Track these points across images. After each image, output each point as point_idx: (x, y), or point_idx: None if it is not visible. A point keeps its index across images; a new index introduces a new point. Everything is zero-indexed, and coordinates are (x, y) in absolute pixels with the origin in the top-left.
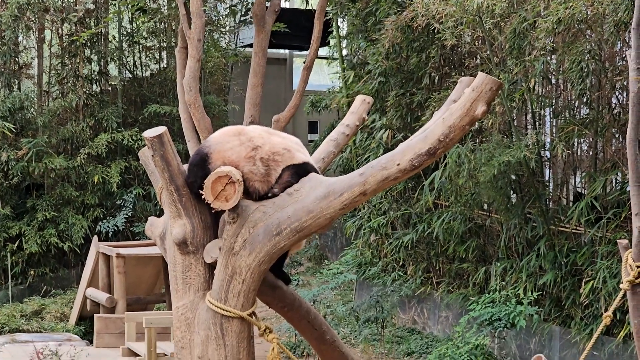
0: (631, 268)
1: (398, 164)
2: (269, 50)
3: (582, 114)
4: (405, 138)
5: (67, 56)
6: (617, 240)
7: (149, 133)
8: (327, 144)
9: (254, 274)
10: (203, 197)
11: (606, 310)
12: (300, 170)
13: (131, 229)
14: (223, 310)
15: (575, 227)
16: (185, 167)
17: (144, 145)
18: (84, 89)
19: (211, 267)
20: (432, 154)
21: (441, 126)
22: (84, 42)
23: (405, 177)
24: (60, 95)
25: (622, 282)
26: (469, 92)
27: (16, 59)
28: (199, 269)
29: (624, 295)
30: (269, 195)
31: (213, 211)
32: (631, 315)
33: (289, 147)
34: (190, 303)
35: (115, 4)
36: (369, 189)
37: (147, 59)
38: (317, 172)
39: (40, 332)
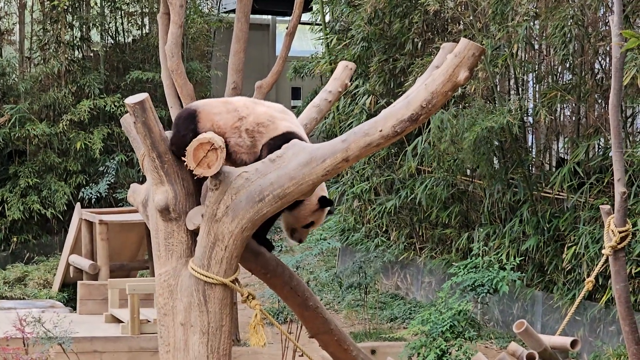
0: (613, 233)
1: (380, 130)
2: (252, 16)
3: (565, 80)
4: (388, 104)
5: (48, 22)
6: (600, 206)
7: (131, 99)
8: (310, 111)
9: (237, 241)
10: (185, 163)
11: (588, 275)
12: (279, 142)
13: (114, 195)
14: (206, 276)
15: (557, 193)
16: (168, 133)
17: (126, 112)
18: (66, 55)
19: (194, 234)
20: (415, 120)
21: (423, 92)
22: (65, 7)
23: (387, 143)
24: (42, 61)
25: (605, 248)
26: (452, 58)
27: None
28: (182, 235)
29: (606, 260)
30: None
31: (195, 178)
32: (613, 280)
33: (273, 117)
34: (172, 270)
35: None
36: (351, 155)
37: (130, 25)
38: (301, 139)
39: (23, 299)
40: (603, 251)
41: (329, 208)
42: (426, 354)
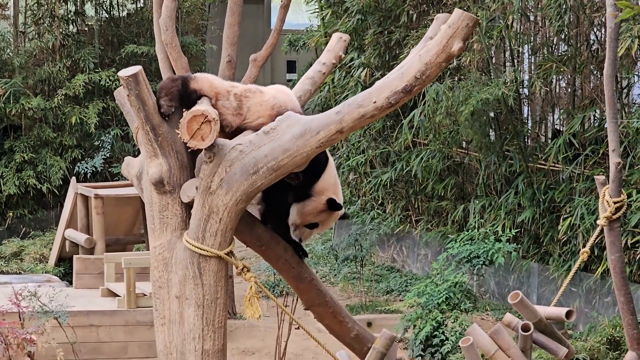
0: (608, 204)
1: (374, 102)
2: None
3: (560, 51)
4: (383, 76)
5: None
6: (594, 177)
7: (124, 72)
8: (304, 83)
9: (231, 213)
10: (179, 135)
11: (584, 246)
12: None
13: (110, 169)
14: (200, 249)
15: (553, 164)
16: None
17: (121, 86)
18: (60, 30)
19: (188, 206)
20: (409, 92)
21: (417, 63)
22: None
23: (381, 114)
24: (36, 35)
25: (600, 219)
26: (445, 28)
27: None
28: (176, 208)
29: (601, 231)
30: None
31: (189, 150)
32: (608, 251)
33: (262, 89)
34: (167, 243)
35: None
36: (345, 127)
37: None
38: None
39: (20, 273)
40: (598, 222)
41: (339, 212)
42: (422, 326)
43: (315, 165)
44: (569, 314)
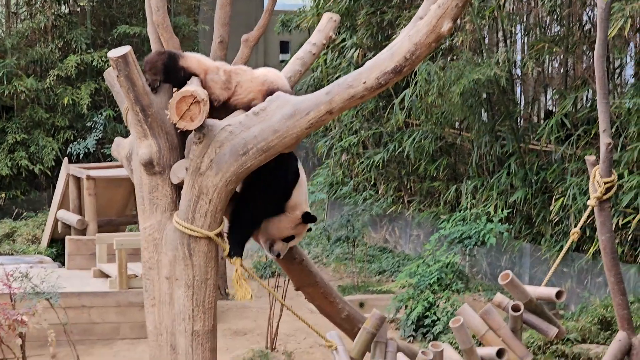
0: (599, 184)
1: (364, 82)
2: None
3: (552, 31)
4: None
5: None
6: (585, 157)
7: (114, 53)
8: (294, 63)
9: (221, 194)
10: (168, 116)
11: (576, 227)
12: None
13: (102, 150)
14: (190, 230)
15: (545, 145)
16: None
17: (111, 66)
18: (52, 10)
19: (178, 187)
20: (399, 72)
21: (407, 43)
22: None
23: (371, 95)
24: (28, 16)
25: (590, 199)
26: (435, 9)
27: None
28: (166, 189)
29: (592, 212)
30: None
31: (178, 131)
32: (599, 231)
33: (249, 69)
34: (157, 224)
35: None
36: (335, 108)
37: None
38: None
39: (12, 254)
40: (588, 202)
41: (310, 225)
42: (414, 306)
43: (288, 182)
44: (559, 294)
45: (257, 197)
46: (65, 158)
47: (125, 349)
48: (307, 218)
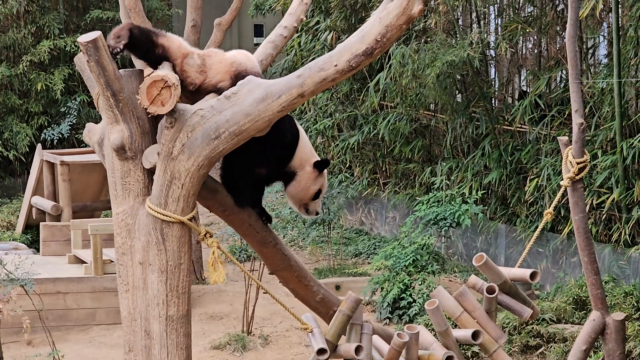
0: (571, 165)
1: (335, 65)
2: None
3: (526, 12)
4: None
5: None
6: (558, 138)
7: (84, 38)
8: (265, 47)
9: (194, 179)
10: (139, 101)
11: (550, 207)
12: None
13: (76, 136)
14: (163, 215)
15: (519, 126)
16: (122, 71)
17: (81, 52)
18: None
19: (150, 172)
20: (370, 54)
21: (378, 26)
22: None
23: (343, 77)
24: (0, 2)
25: (563, 179)
26: None
27: None
28: (138, 174)
29: (566, 191)
30: None
31: (150, 116)
32: (572, 211)
33: (221, 51)
34: (130, 209)
35: None
36: (306, 91)
37: None
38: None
39: None
40: (561, 182)
41: (326, 169)
42: (389, 288)
43: (286, 144)
44: (533, 275)
45: (259, 161)
46: (39, 144)
47: (101, 334)
48: (321, 166)
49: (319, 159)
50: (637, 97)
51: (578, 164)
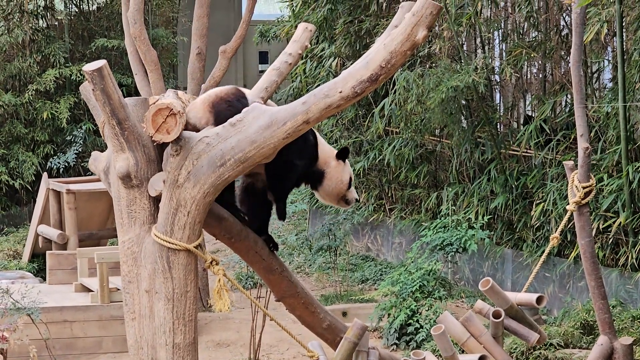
0: (577, 189)
1: (340, 92)
2: None
3: (530, 37)
4: None
5: None
6: (563, 162)
7: (89, 66)
8: (270, 74)
9: (199, 206)
10: (144, 129)
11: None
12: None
13: (82, 164)
14: (169, 243)
15: (525, 150)
16: (127, 100)
17: (86, 80)
18: (30, 25)
19: (156, 200)
20: (374, 81)
21: (382, 52)
22: None
23: (348, 104)
24: (6, 31)
25: (569, 204)
26: (410, 17)
27: None
28: (144, 202)
29: (572, 216)
30: None
31: (155, 144)
32: (578, 235)
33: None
34: (136, 237)
35: None
36: (311, 117)
37: None
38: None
39: None
40: (567, 207)
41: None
42: (396, 314)
43: (314, 144)
44: (539, 300)
45: (293, 168)
46: (45, 173)
47: None
48: (343, 155)
49: (335, 151)
50: None
51: (584, 188)
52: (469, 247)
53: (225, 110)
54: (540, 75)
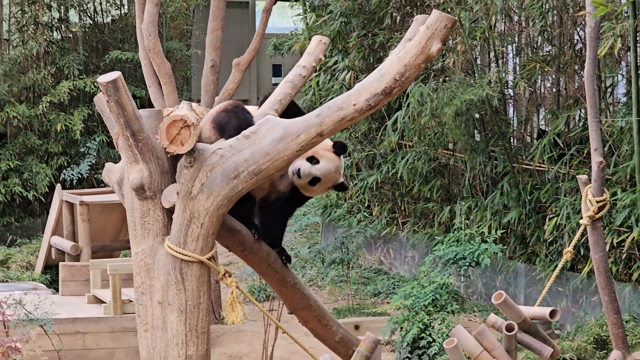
0: (591, 203)
1: (354, 104)
2: None
3: (544, 51)
4: None
5: (26, 3)
6: (577, 176)
7: (104, 78)
8: (284, 86)
9: (213, 218)
10: (158, 140)
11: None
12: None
13: (96, 176)
14: (182, 254)
15: (538, 164)
16: (141, 111)
17: (101, 92)
18: (45, 37)
19: (169, 212)
20: (388, 93)
21: (396, 65)
22: None
23: (361, 117)
24: (20, 43)
25: (583, 218)
26: (424, 30)
27: None
28: (157, 214)
29: (585, 230)
30: None
31: (169, 155)
32: (592, 250)
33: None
34: (149, 248)
35: None
36: (325, 130)
37: (108, 4)
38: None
39: (6, 281)
40: (581, 221)
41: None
42: (409, 328)
43: None
44: (553, 314)
45: None
46: (58, 184)
47: None
48: (341, 150)
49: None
50: None
51: (597, 202)
52: (481, 261)
53: (223, 118)
54: (554, 90)
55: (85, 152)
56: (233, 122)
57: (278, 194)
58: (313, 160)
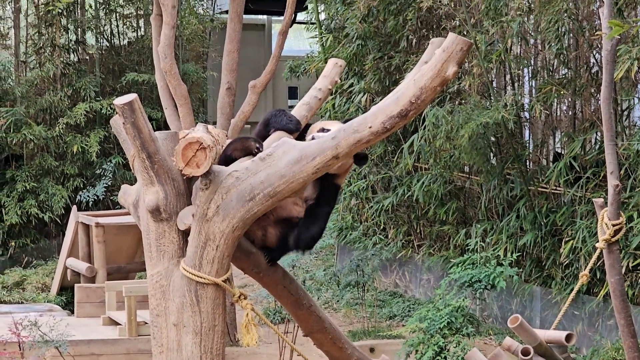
0: (607, 227)
1: (370, 127)
2: (248, 16)
3: (560, 74)
4: None
5: (43, 26)
6: (593, 200)
7: (120, 100)
8: (300, 108)
9: (228, 240)
10: (174, 162)
11: (585, 269)
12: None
13: (111, 198)
14: (197, 276)
15: (554, 187)
16: (157, 134)
17: (117, 114)
18: (61, 59)
19: (185, 234)
20: (404, 116)
21: (412, 88)
22: (60, 11)
23: (377, 139)
24: (37, 65)
25: (599, 241)
26: (440, 53)
27: None
28: (173, 236)
29: (601, 254)
30: None
31: (185, 177)
32: (608, 273)
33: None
34: (164, 270)
35: None
36: (341, 153)
37: (124, 27)
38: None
39: (22, 303)
40: (597, 245)
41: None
42: (424, 350)
43: None
44: (568, 337)
45: None
46: (74, 206)
47: None
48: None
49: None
50: None
51: (614, 225)
52: (497, 284)
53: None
54: (570, 113)
55: (101, 173)
56: None
57: (310, 199)
58: (324, 130)
